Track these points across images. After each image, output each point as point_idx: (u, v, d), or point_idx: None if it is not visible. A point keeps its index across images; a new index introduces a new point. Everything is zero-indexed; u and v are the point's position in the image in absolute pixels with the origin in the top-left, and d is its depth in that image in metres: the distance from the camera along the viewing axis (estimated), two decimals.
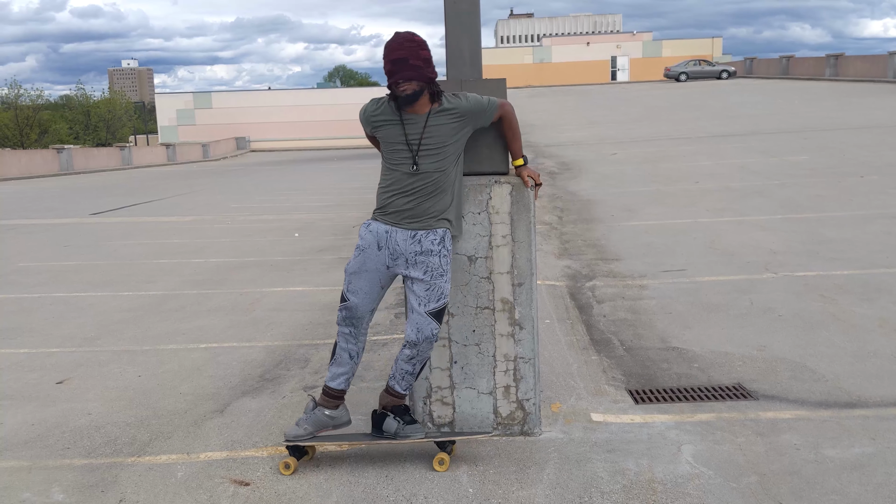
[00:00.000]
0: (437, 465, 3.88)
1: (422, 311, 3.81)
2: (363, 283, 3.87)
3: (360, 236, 3.93)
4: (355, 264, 3.89)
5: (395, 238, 3.82)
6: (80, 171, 37.35)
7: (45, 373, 5.74)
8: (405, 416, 3.99)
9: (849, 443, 4.00)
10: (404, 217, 3.81)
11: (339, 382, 3.99)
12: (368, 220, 3.95)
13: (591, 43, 72.40)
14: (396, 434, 3.95)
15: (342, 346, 3.96)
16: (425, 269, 3.81)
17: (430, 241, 3.81)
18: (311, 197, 19.98)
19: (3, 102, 66.18)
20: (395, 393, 3.99)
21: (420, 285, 3.82)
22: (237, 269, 9.71)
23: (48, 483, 3.92)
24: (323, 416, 3.98)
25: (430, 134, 3.76)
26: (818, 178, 13.45)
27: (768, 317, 6.25)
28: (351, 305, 3.88)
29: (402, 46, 3.68)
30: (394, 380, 3.98)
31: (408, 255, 3.81)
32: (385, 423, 3.96)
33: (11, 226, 15.23)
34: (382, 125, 3.85)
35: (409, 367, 3.92)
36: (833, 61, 44.91)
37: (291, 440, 3.95)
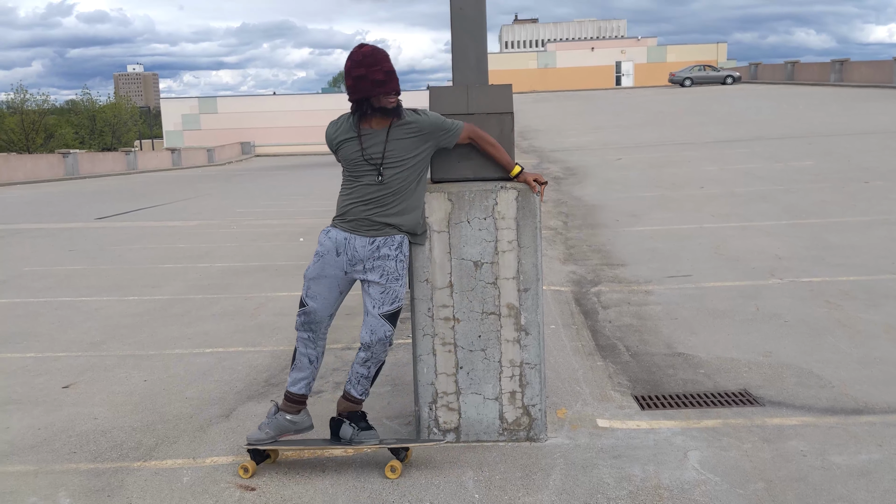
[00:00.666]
0: (388, 472, 3.89)
1: (376, 313, 3.87)
2: (322, 288, 3.92)
3: (319, 242, 3.97)
4: (314, 270, 3.94)
5: (354, 244, 3.87)
6: (86, 175, 37.45)
7: (51, 377, 5.75)
8: (360, 423, 4.03)
9: (855, 449, 3.99)
10: (363, 224, 3.87)
11: (300, 387, 4.04)
12: (328, 227, 3.98)
13: (595, 48, 72.44)
14: (351, 440, 3.99)
15: (301, 351, 4.01)
16: (381, 272, 3.87)
17: (388, 246, 3.88)
18: (316, 202, 20.00)
19: (10, 107, 66.48)
20: (351, 398, 4.03)
21: (375, 288, 3.88)
22: (242, 274, 9.73)
23: (55, 487, 3.93)
24: (284, 421, 4.02)
25: (391, 148, 3.80)
26: (823, 184, 13.44)
27: (774, 323, 6.24)
28: (309, 310, 3.94)
29: (387, 59, 3.74)
30: (350, 385, 4.03)
31: (365, 261, 3.87)
32: (341, 429, 4.01)
33: (17, 230, 15.27)
34: (343, 143, 3.88)
35: (364, 370, 3.97)
36: (838, 67, 44.90)
37: (253, 444, 4.00)
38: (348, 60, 3.76)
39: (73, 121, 79.62)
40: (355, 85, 3.74)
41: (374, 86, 3.71)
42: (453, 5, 4.22)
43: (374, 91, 3.72)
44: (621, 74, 70.83)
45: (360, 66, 3.72)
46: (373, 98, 3.74)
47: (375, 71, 3.71)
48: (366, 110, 3.78)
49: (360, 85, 3.73)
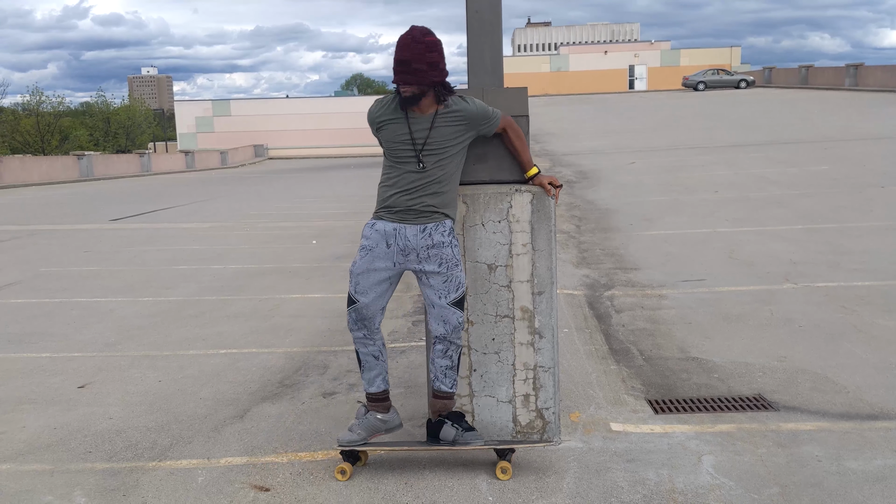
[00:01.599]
0: (500, 473, 3.84)
1: (443, 303, 3.83)
2: (371, 282, 3.87)
3: (364, 236, 3.91)
4: (362, 264, 3.88)
5: (405, 234, 3.81)
6: (100, 177, 37.66)
7: (66, 377, 5.79)
8: (462, 423, 3.97)
9: (871, 455, 3.96)
10: (410, 214, 3.81)
11: (378, 385, 3.98)
12: (372, 220, 3.92)
13: (608, 52, 72.32)
14: (455, 441, 3.91)
15: (362, 351, 3.96)
16: (439, 261, 3.81)
17: (440, 233, 3.82)
18: (329, 204, 20.07)
19: (25, 109, 66.96)
20: (443, 394, 3.96)
21: (437, 278, 3.83)
22: (256, 276, 9.76)
23: (70, 486, 3.95)
24: (375, 421, 3.97)
25: (434, 135, 3.76)
26: (838, 189, 13.37)
27: (789, 327, 6.22)
28: (360, 306, 3.89)
29: (409, 47, 3.66)
30: (437, 381, 3.95)
31: (419, 250, 3.81)
32: (443, 430, 3.93)
33: (33, 231, 15.38)
34: (387, 123, 3.83)
35: (446, 361, 3.91)
36: (853, 71, 44.68)
37: (345, 445, 3.93)
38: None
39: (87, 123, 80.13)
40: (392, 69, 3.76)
41: (393, 73, 3.72)
42: (469, 8, 4.23)
43: (393, 77, 3.73)
44: (634, 78, 70.68)
45: (395, 51, 3.73)
46: (396, 85, 3.75)
47: (394, 59, 3.71)
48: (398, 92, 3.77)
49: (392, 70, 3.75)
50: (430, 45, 3.67)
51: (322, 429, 4.59)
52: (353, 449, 3.96)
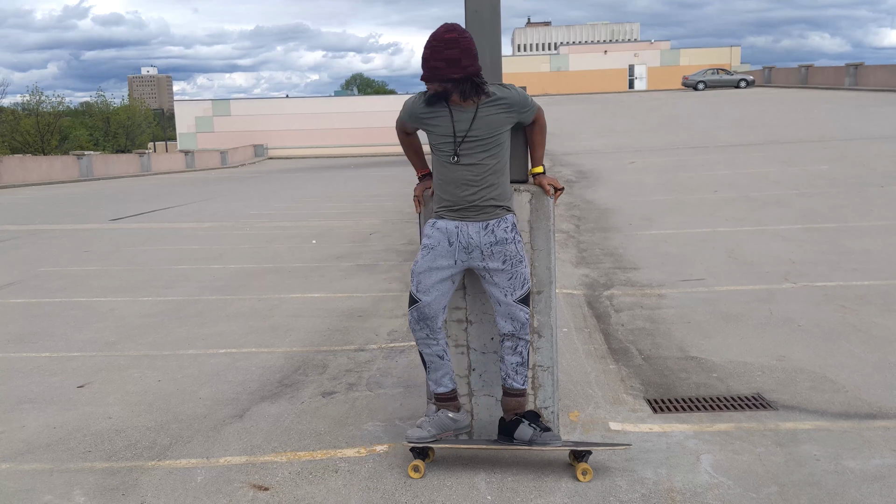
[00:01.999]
0: (580, 475, 3.79)
1: (510, 300, 3.82)
2: (434, 280, 3.83)
3: (426, 235, 3.88)
4: (424, 263, 3.84)
5: (468, 231, 3.79)
6: (100, 177, 37.68)
7: (66, 376, 5.79)
8: (539, 422, 3.94)
9: (869, 454, 3.97)
10: (471, 210, 3.79)
11: (445, 384, 3.97)
12: (433, 219, 3.88)
13: (608, 51, 72.30)
14: (532, 441, 3.88)
15: (428, 352, 3.94)
16: (503, 258, 3.80)
17: (502, 229, 3.80)
18: (329, 204, 20.07)
19: (25, 109, 66.96)
20: (516, 392, 3.93)
21: (501, 276, 3.81)
22: (256, 276, 9.77)
23: (69, 486, 3.96)
24: (447, 419, 3.95)
25: (478, 126, 3.74)
26: (838, 188, 13.37)
27: (788, 327, 6.22)
28: (423, 305, 3.85)
29: (429, 45, 3.67)
30: (509, 378, 3.93)
31: (483, 247, 3.79)
32: (519, 429, 3.91)
33: (33, 231, 15.39)
34: (431, 116, 3.81)
35: (517, 357, 3.90)
36: (853, 71, 44.70)
37: (415, 442, 3.91)
38: None
39: (87, 123, 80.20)
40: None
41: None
42: (468, 8, 4.23)
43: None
44: (634, 78, 70.66)
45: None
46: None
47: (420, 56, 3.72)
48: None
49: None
50: (449, 42, 3.64)
51: (321, 428, 4.60)
52: (425, 446, 3.93)
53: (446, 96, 3.72)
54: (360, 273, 9.68)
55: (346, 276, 9.54)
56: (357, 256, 10.96)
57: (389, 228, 14.03)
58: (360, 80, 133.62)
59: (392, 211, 17.06)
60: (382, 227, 14.18)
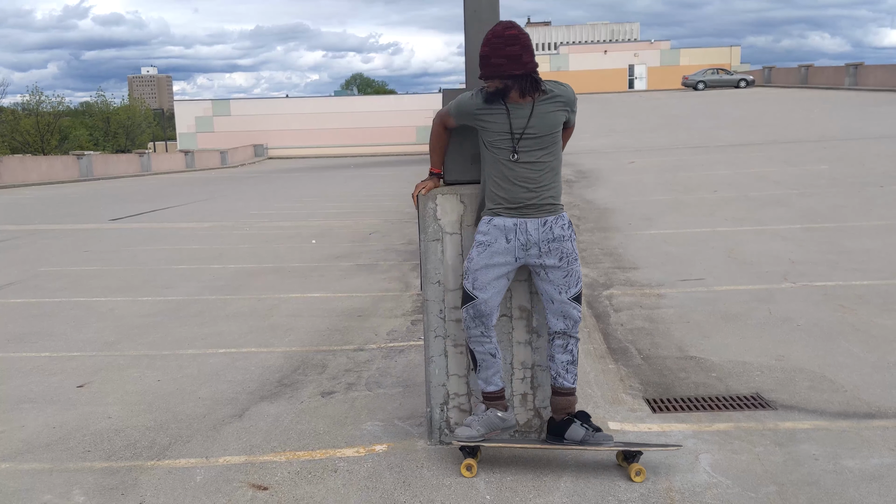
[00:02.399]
0: (634, 476, 3.76)
1: (564, 298, 3.83)
2: (490, 277, 3.82)
3: (481, 232, 3.86)
4: (481, 260, 3.83)
5: (526, 228, 3.78)
6: (100, 177, 37.68)
7: (65, 376, 5.80)
8: (590, 422, 3.93)
9: (868, 453, 3.97)
10: (530, 207, 3.78)
11: (496, 383, 3.95)
12: (488, 216, 3.86)
13: (608, 51, 72.30)
14: (584, 441, 3.87)
15: (479, 350, 3.91)
16: (560, 255, 3.80)
17: (559, 226, 3.81)
18: (329, 204, 20.07)
19: (25, 109, 66.95)
20: (566, 391, 3.93)
21: (556, 273, 3.82)
22: (255, 275, 9.77)
23: (69, 485, 3.96)
24: (496, 418, 3.94)
25: (535, 123, 3.74)
26: (838, 188, 13.38)
27: (787, 327, 6.22)
28: (479, 303, 3.83)
29: (489, 42, 3.67)
30: (559, 378, 3.93)
31: (541, 244, 3.79)
32: (570, 429, 3.90)
33: (32, 231, 15.39)
34: (487, 114, 3.79)
35: (567, 356, 3.90)
36: (853, 70, 44.71)
37: (464, 441, 3.89)
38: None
39: (87, 123, 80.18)
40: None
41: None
42: (467, 8, 4.24)
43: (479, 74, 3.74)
44: (634, 77, 70.66)
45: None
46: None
47: (479, 55, 3.72)
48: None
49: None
50: (510, 39, 3.64)
51: (320, 428, 4.60)
52: (473, 444, 3.92)
53: (504, 93, 3.72)
54: (359, 273, 9.69)
55: (345, 275, 9.55)
56: (357, 256, 10.96)
57: (389, 228, 14.03)
58: (359, 79, 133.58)
59: (392, 211, 17.06)
60: (382, 227, 14.19)
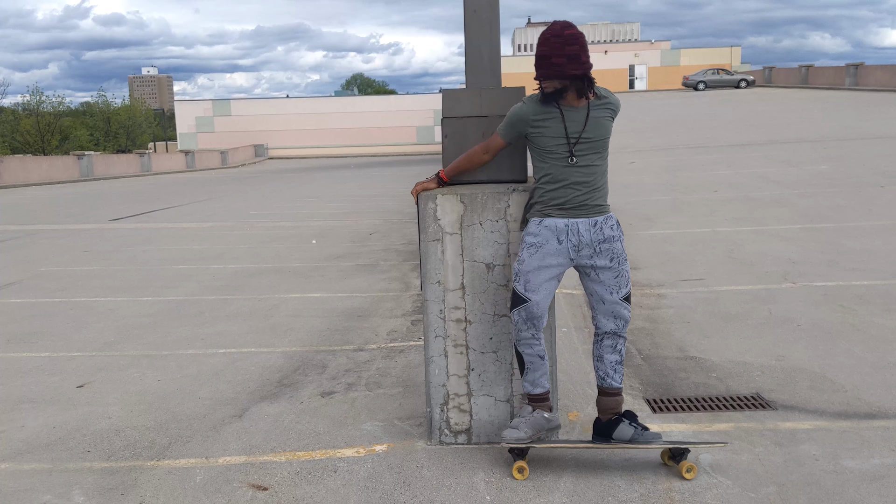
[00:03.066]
0: (685, 473, 3.76)
1: (615, 298, 3.83)
2: (543, 279, 3.81)
3: (530, 233, 3.84)
4: (533, 262, 3.81)
5: (578, 229, 3.78)
6: (100, 177, 37.67)
7: (65, 376, 5.80)
8: (638, 422, 3.93)
9: (868, 454, 3.97)
10: (581, 209, 3.78)
11: (543, 385, 3.93)
12: (538, 217, 3.84)
13: (608, 51, 72.26)
14: (633, 440, 3.87)
15: (529, 352, 3.88)
16: (611, 256, 3.81)
17: (609, 227, 3.82)
18: (329, 204, 20.07)
19: (26, 109, 67.00)
20: (614, 391, 3.93)
21: (608, 273, 3.82)
22: (256, 276, 9.77)
23: (69, 485, 3.96)
24: (542, 419, 3.92)
25: (591, 126, 3.74)
26: (838, 188, 13.37)
27: (787, 327, 6.22)
28: (532, 305, 3.81)
29: (548, 42, 3.66)
30: (608, 378, 3.92)
31: (593, 245, 3.79)
32: (618, 429, 3.89)
33: (33, 231, 15.39)
34: (542, 120, 3.78)
35: (616, 356, 3.91)
36: (853, 71, 44.69)
37: (512, 443, 3.87)
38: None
39: (88, 123, 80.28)
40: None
41: (535, 69, 3.72)
42: (467, 8, 4.24)
43: (535, 74, 3.73)
44: (634, 78, 70.67)
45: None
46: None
47: (535, 55, 3.71)
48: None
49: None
50: (569, 39, 3.64)
51: (320, 428, 4.60)
52: (522, 446, 3.90)
53: (561, 95, 3.71)
54: (359, 273, 9.68)
55: (345, 275, 9.54)
56: (357, 256, 10.96)
57: (389, 228, 14.03)
58: (360, 80, 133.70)
59: (392, 211, 17.06)
60: (382, 227, 14.19)
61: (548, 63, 3.65)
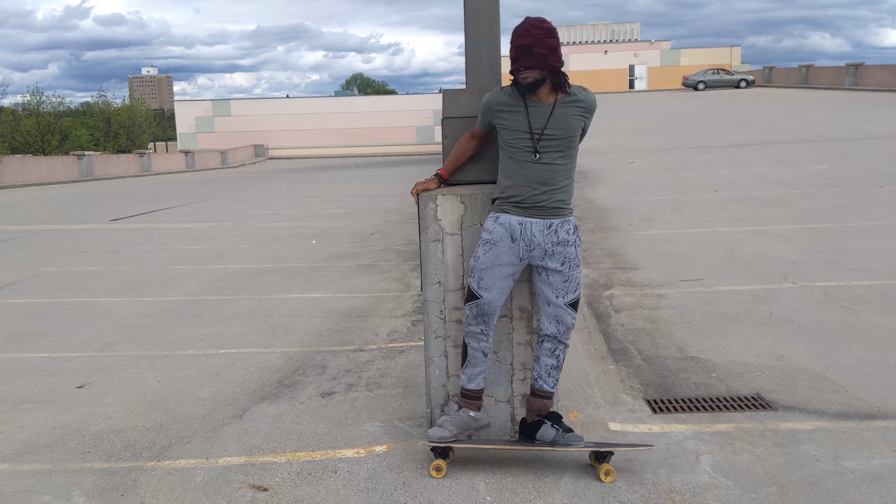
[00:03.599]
0: (603, 476, 3.77)
1: (560, 302, 3.81)
2: (496, 277, 3.81)
3: (487, 230, 3.84)
4: (487, 259, 3.81)
5: (531, 229, 3.76)
6: (100, 177, 37.66)
7: (65, 377, 5.79)
8: (561, 423, 3.93)
9: (869, 454, 3.97)
10: (537, 208, 3.77)
11: (478, 382, 3.96)
12: (495, 213, 3.85)
13: (608, 51, 72.28)
14: (554, 442, 3.88)
15: (474, 346, 3.91)
16: (563, 259, 3.79)
17: (565, 230, 3.80)
18: (329, 204, 20.06)
19: (26, 109, 66.96)
20: (544, 394, 3.93)
21: (557, 277, 3.80)
22: (255, 276, 9.76)
23: (69, 486, 3.95)
24: (468, 418, 3.95)
25: (555, 123, 3.72)
26: (838, 188, 13.37)
27: (787, 327, 6.22)
28: (483, 302, 3.82)
29: (529, 33, 3.64)
30: (540, 380, 3.92)
31: (545, 246, 3.77)
32: (541, 430, 3.91)
33: (33, 231, 15.38)
34: (506, 112, 3.77)
35: (553, 360, 3.90)
36: (853, 71, 44.68)
37: (436, 442, 3.89)
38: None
39: (87, 123, 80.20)
40: (510, 58, 3.72)
41: (512, 60, 3.67)
42: (467, 8, 4.23)
43: (512, 65, 3.68)
44: (634, 78, 70.65)
45: (511, 39, 3.70)
46: (514, 72, 3.71)
47: (511, 48, 3.68)
48: (515, 83, 3.73)
49: (510, 58, 3.71)
50: (549, 31, 3.65)
51: (320, 429, 4.60)
52: (446, 445, 3.92)
53: (535, 88, 3.68)
54: (359, 273, 9.68)
55: (345, 276, 9.54)
56: (357, 256, 10.95)
57: (389, 228, 14.03)
58: (360, 80, 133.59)
59: (392, 211, 17.05)
60: (382, 228, 14.18)
61: (531, 53, 3.63)
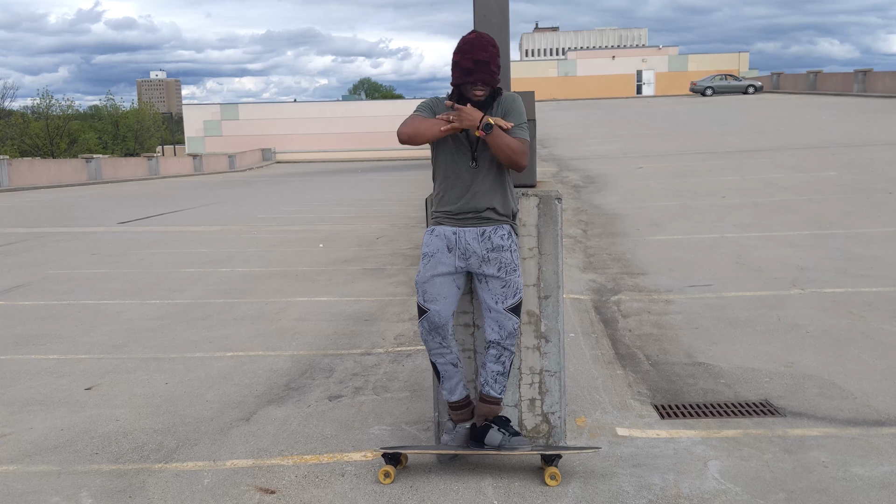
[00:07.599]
0: (549, 479, 3.80)
1: (500, 308, 3.81)
2: (439, 289, 3.84)
3: (425, 244, 3.89)
4: (427, 272, 3.84)
5: (465, 238, 3.79)
6: (108, 180, 37.81)
7: (73, 379, 5.81)
8: (508, 427, 3.95)
9: (878, 461, 3.95)
10: (468, 216, 3.79)
11: (459, 392, 3.98)
12: (431, 227, 3.89)
13: (616, 57, 72.24)
14: (501, 446, 3.90)
15: (441, 361, 3.93)
16: (499, 265, 3.79)
17: (499, 236, 3.80)
18: (336, 208, 20.09)
19: (35, 112, 67.27)
20: (491, 399, 3.94)
21: (495, 283, 3.81)
22: (263, 279, 9.78)
23: (77, 488, 3.97)
24: (465, 431, 4.00)
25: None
26: (846, 195, 13.33)
27: (796, 333, 6.20)
28: (432, 315, 3.84)
29: (487, 49, 3.68)
30: (487, 386, 3.93)
31: (481, 253, 3.79)
32: (488, 435, 3.92)
33: (41, 234, 15.44)
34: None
35: (499, 366, 3.89)
36: (861, 77, 44.54)
37: (388, 450, 3.98)
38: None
39: (96, 126, 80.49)
40: (452, 70, 3.74)
41: (462, 74, 3.70)
42: (477, 13, 4.25)
43: (463, 79, 3.71)
44: (642, 83, 70.57)
45: (458, 51, 3.72)
46: (462, 86, 3.74)
47: (466, 59, 3.68)
48: (459, 97, 3.76)
49: (454, 71, 3.73)
50: (498, 51, 3.75)
51: (328, 432, 4.60)
52: (395, 452, 3.95)
53: (482, 106, 3.73)
54: (366, 277, 9.69)
55: (353, 279, 9.55)
56: (364, 260, 10.96)
57: (396, 232, 14.04)
58: (367, 84, 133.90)
59: (399, 215, 17.07)
60: (389, 231, 14.19)
61: (488, 69, 3.67)
